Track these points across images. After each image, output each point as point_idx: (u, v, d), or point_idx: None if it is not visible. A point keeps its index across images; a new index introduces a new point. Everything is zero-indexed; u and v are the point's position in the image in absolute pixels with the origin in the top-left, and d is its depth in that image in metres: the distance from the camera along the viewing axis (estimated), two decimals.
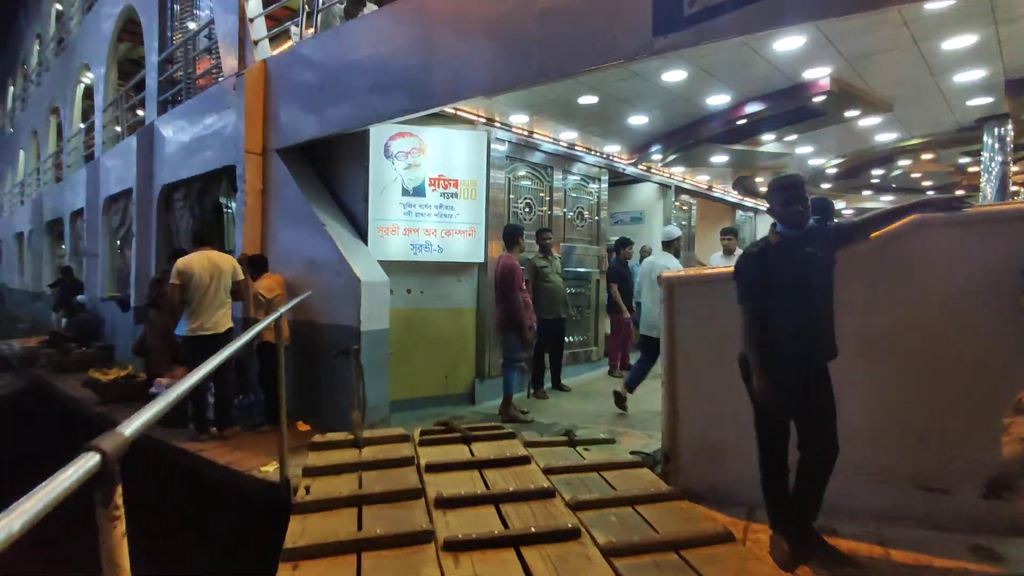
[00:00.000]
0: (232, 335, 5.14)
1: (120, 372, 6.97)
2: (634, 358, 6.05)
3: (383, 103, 4.78)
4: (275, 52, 6.36)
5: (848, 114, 5.82)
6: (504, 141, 6.31)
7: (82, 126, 12.67)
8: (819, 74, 4.93)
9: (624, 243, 7.63)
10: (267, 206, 5.96)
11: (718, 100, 5.70)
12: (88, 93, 12.50)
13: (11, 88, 20.17)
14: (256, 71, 5.97)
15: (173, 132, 7.63)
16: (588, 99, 5.65)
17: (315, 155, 6.00)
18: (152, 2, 8.67)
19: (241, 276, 5.19)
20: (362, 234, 5.60)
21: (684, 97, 5.62)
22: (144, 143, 8.12)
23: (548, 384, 6.50)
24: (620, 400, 5.56)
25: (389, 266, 5.50)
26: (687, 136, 6.68)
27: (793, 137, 6.97)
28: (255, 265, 5.50)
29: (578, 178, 7.53)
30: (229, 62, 6.41)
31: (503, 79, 4.09)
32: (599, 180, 7.84)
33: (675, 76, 5.04)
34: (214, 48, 7.21)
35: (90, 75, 12.04)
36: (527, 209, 6.77)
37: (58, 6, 14.33)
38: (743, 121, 6.01)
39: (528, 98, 5.68)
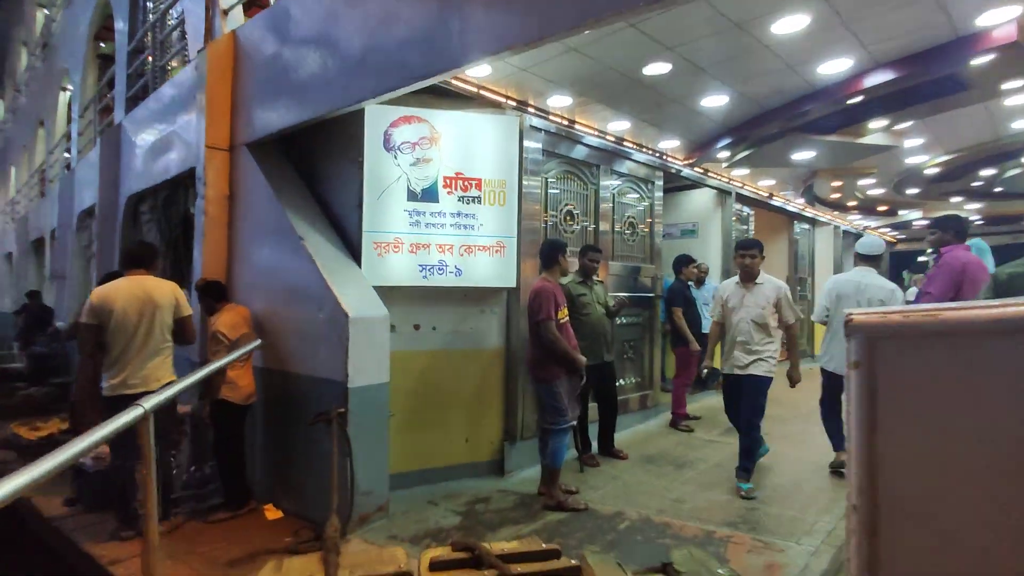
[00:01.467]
0: None
1: (60, 425, 5.61)
2: (692, 401, 4.53)
3: (383, 70, 3.39)
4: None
5: (1009, 85, 4.31)
6: (539, 131, 4.90)
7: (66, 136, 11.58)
8: (1002, 17, 3.44)
9: (686, 261, 6.15)
10: (235, 217, 4.59)
11: (835, 67, 4.22)
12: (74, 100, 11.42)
13: (1, 102, 19.42)
14: (222, 45, 4.64)
15: (139, 132, 6.35)
16: (657, 67, 4.22)
17: (297, 152, 4.65)
18: None
19: (187, 311, 3.79)
20: (354, 252, 4.19)
21: (791, 63, 4.16)
22: (109, 147, 6.86)
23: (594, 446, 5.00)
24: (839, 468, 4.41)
25: (390, 294, 4.09)
26: (773, 123, 5.20)
27: (908, 124, 5.46)
28: (210, 294, 4.10)
29: (627, 181, 6.07)
30: (195, 39, 5.10)
31: (558, 19, 2.66)
32: (651, 183, 6.38)
33: (791, 25, 3.59)
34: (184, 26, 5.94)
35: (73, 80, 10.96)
36: (568, 219, 5.33)
37: (45, 10, 13.39)
38: (858, 99, 4.52)
39: (576, 69, 4.27)
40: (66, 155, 10.91)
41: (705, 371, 4.74)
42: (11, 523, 3.63)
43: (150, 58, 6.65)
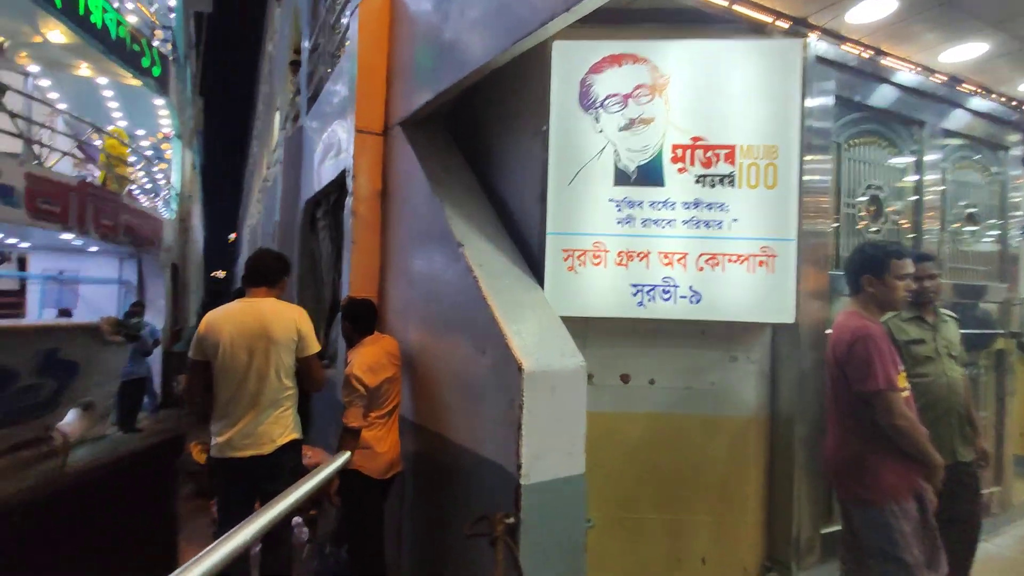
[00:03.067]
0: (293, 457, 2.74)
1: None
2: None
3: None
4: None
5: None
6: (833, 66, 3.01)
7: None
8: None
9: None
10: (388, 219, 3.56)
11: None
12: None
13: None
14: (376, 1, 3.66)
15: (314, 131, 5.88)
16: None
17: (465, 132, 3.46)
18: None
19: (312, 347, 2.75)
20: (534, 264, 2.82)
21: None
22: (290, 152, 6.59)
23: None
24: None
25: (586, 328, 2.63)
26: None
27: None
28: (354, 321, 3.05)
29: (963, 149, 3.78)
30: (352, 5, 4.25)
31: None
32: (1003, 150, 3.96)
33: None
34: None
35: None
36: (871, 210, 3.31)
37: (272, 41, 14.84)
38: None
39: None
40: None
41: None
42: None
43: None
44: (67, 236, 6.75)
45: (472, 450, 2.53)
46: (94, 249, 8.41)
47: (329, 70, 5.49)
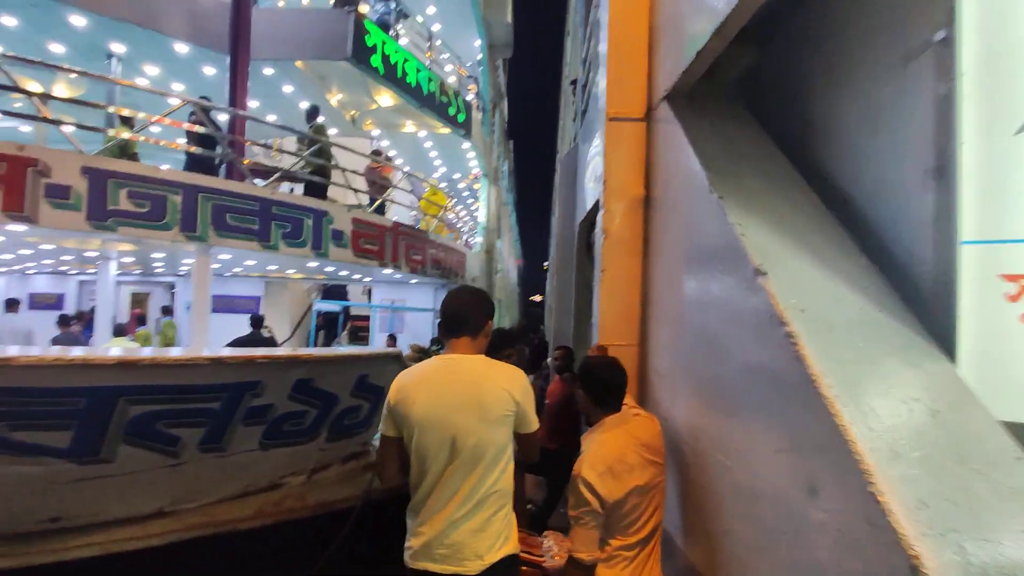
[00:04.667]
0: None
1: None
2: None
3: None
4: None
5: None
6: None
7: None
8: None
9: None
10: (653, 236, 2.51)
11: None
12: None
13: None
14: None
15: (584, 139, 5.25)
16: None
17: (771, 93, 2.20)
18: None
19: (531, 424, 1.90)
20: (924, 304, 1.40)
21: None
22: (567, 171, 6.11)
23: None
24: None
25: None
26: None
27: None
28: (591, 390, 2.08)
29: None
30: None
31: None
32: None
33: None
34: None
35: None
36: None
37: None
38: None
39: None
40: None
41: None
42: None
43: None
44: (387, 271, 7.64)
45: None
46: (414, 281, 9.54)
47: (591, 74, 4.77)
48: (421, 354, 7.33)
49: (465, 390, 1.89)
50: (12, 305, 6.78)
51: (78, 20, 6.59)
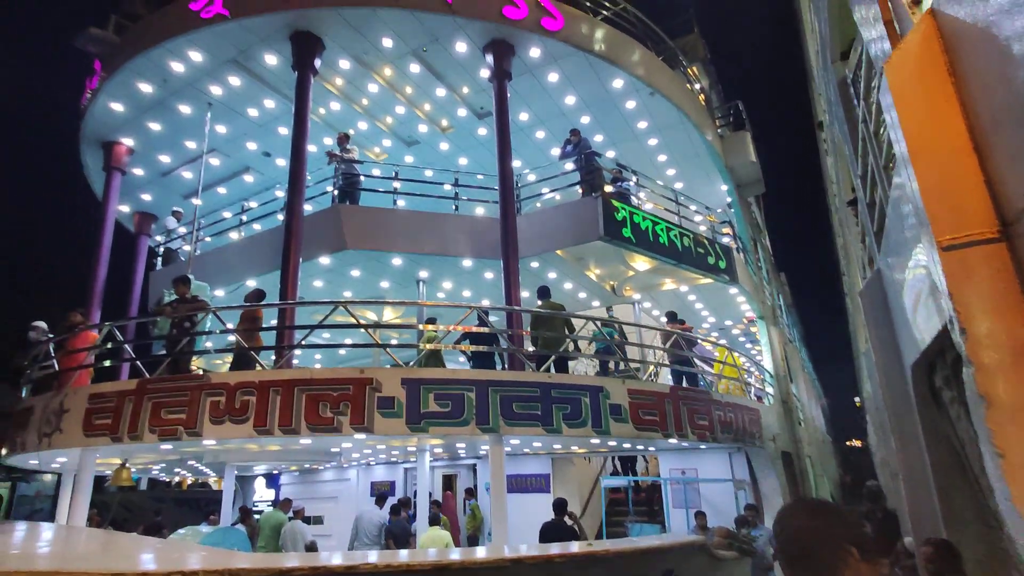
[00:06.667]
0: None
1: None
2: None
3: None
4: None
5: None
6: None
7: None
8: None
9: None
10: None
11: None
12: None
13: None
14: (914, 44, 2.21)
15: (894, 266, 4.26)
16: None
17: None
18: None
19: None
20: None
21: None
22: (872, 302, 5.01)
23: None
24: None
25: None
26: None
27: None
28: None
29: None
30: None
31: None
32: None
33: None
34: None
35: None
36: None
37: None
38: None
39: None
40: None
41: None
42: None
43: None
44: (672, 440, 7.03)
45: None
46: (703, 447, 8.60)
47: (884, 186, 4.01)
48: (729, 540, 6.23)
49: None
50: (380, 500, 8.19)
51: (397, 261, 8.53)
